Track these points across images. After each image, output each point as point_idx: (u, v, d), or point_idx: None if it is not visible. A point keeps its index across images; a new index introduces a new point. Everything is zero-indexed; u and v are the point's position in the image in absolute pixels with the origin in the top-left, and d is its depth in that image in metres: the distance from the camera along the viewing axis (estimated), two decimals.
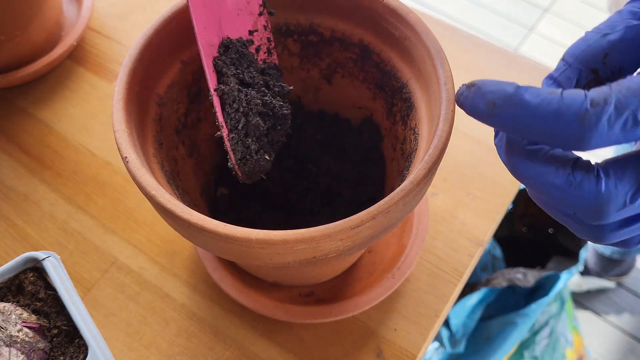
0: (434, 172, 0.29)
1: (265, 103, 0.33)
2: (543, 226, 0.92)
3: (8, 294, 0.31)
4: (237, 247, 0.28)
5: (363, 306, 0.43)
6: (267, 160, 0.33)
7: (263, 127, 0.33)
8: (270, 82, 0.35)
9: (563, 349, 0.85)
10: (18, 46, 0.56)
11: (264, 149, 0.33)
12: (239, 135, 0.32)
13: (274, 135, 0.34)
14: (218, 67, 0.33)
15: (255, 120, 0.32)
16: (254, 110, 0.32)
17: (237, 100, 0.32)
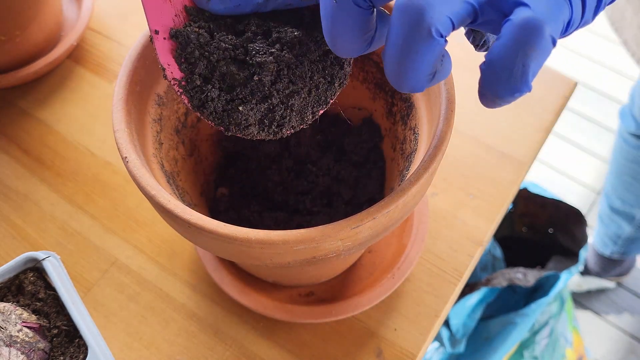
0: (433, 172, 0.29)
1: (246, 50, 0.28)
2: (543, 226, 0.92)
3: (8, 294, 0.31)
4: (237, 247, 0.28)
5: (363, 306, 0.43)
6: (241, 112, 0.28)
7: (239, 75, 0.27)
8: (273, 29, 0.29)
9: (563, 348, 0.85)
10: (18, 46, 0.56)
11: (240, 99, 0.28)
12: (193, 82, 0.28)
13: (255, 86, 0.28)
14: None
15: (222, 66, 0.27)
16: (220, 56, 0.28)
17: (195, 44, 0.28)
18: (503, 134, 0.53)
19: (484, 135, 0.53)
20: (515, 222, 0.94)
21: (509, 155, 0.52)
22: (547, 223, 0.92)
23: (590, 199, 1.34)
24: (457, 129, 0.53)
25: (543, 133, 0.53)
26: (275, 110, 0.28)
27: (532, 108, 0.54)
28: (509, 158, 0.51)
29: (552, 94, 0.55)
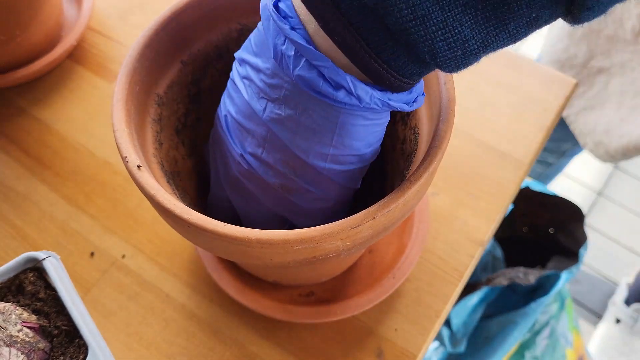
0: (434, 172, 0.29)
1: None
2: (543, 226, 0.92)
3: (8, 294, 0.31)
4: (237, 247, 0.28)
5: (363, 306, 0.43)
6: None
7: None
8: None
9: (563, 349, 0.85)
10: (18, 46, 0.56)
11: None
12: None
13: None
14: None
15: None
16: None
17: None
18: (503, 134, 0.53)
19: (484, 135, 0.53)
20: (515, 222, 0.94)
21: (509, 155, 0.52)
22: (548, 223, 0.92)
23: (590, 199, 1.34)
24: (457, 129, 0.53)
25: (543, 133, 0.53)
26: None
27: (532, 108, 0.54)
28: (509, 158, 0.51)
29: (552, 94, 0.55)
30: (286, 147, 0.30)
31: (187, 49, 0.37)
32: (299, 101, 0.28)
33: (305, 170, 0.31)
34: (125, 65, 0.33)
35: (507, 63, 0.57)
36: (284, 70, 0.27)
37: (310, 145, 0.29)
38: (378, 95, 0.27)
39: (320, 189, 0.32)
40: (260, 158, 0.31)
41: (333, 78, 0.26)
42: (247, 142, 0.32)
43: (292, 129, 0.29)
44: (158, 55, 0.35)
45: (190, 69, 0.38)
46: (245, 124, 0.31)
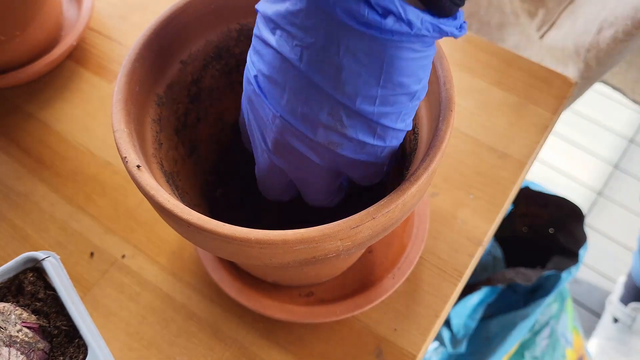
0: (433, 172, 0.29)
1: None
2: (543, 226, 0.92)
3: (8, 294, 0.31)
4: (237, 247, 0.28)
5: (363, 306, 0.43)
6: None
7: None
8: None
9: (563, 349, 0.85)
10: (18, 46, 0.56)
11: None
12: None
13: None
14: None
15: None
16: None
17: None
18: (503, 134, 0.53)
19: (484, 135, 0.53)
20: (515, 222, 0.94)
21: (509, 155, 0.52)
22: (548, 223, 0.92)
23: (590, 199, 1.34)
24: (457, 129, 0.53)
25: (543, 133, 0.53)
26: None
27: (532, 108, 0.54)
28: (509, 158, 0.51)
29: (552, 94, 0.55)
30: (329, 96, 0.28)
31: (186, 49, 0.37)
32: (340, 40, 0.26)
33: (353, 118, 0.28)
34: (125, 66, 0.33)
35: (507, 63, 0.57)
36: (320, 6, 0.25)
37: (356, 89, 0.27)
38: (429, 19, 0.25)
39: (370, 136, 0.29)
40: (302, 115, 0.29)
41: (380, 3, 0.24)
42: (284, 100, 0.29)
43: (334, 74, 0.27)
44: (158, 55, 0.35)
45: (190, 69, 0.38)
46: (280, 79, 0.29)
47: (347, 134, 0.29)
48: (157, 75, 0.36)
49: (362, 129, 0.29)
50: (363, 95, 0.27)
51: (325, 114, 0.28)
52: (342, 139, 0.29)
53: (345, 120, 0.28)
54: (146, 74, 0.34)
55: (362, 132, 0.29)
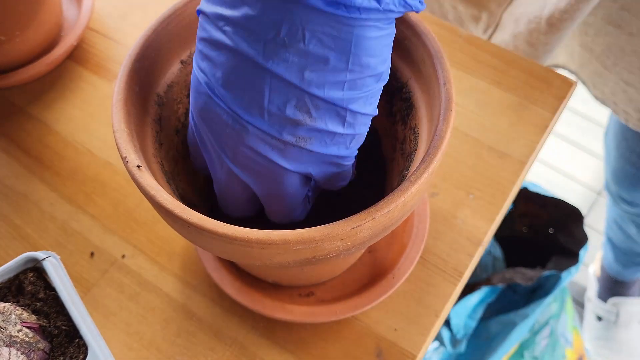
0: (433, 172, 0.29)
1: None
2: (543, 226, 0.92)
3: (8, 294, 0.31)
4: (237, 247, 0.28)
5: (363, 306, 0.43)
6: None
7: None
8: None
9: (563, 349, 0.85)
10: (18, 46, 0.56)
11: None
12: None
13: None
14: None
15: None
16: None
17: None
18: (503, 134, 0.53)
19: (484, 135, 0.53)
20: (515, 222, 0.94)
21: (509, 155, 0.52)
22: (547, 223, 0.92)
23: (590, 199, 1.34)
24: (457, 129, 0.53)
25: (543, 133, 0.53)
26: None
27: (532, 108, 0.54)
28: (509, 158, 0.51)
29: (552, 94, 0.55)
30: (296, 88, 0.27)
31: (187, 49, 0.37)
32: (305, 26, 0.25)
33: (321, 108, 0.28)
34: (125, 65, 0.33)
35: (507, 63, 0.57)
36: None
37: (324, 76, 0.27)
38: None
39: (339, 124, 0.29)
40: (267, 113, 0.28)
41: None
42: (245, 101, 0.28)
43: (300, 63, 0.26)
44: (158, 55, 0.35)
45: (190, 68, 0.38)
46: (239, 80, 0.28)
47: (316, 126, 0.28)
48: (158, 75, 0.36)
49: (331, 118, 0.28)
50: (331, 81, 0.27)
51: (292, 108, 0.28)
52: (310, 133, 0.28)
53: (313, 112, 0.28)
54: (146, 74, 0.34)
55: (332, 122, 0.28)
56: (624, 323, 1.03)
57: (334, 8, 0.25)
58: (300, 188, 0.32)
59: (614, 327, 1.04)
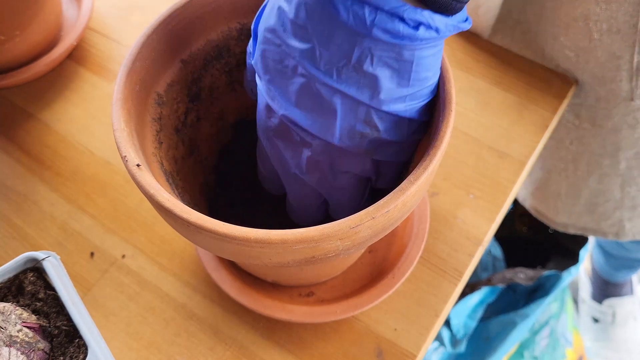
0: (433, 172, 0.29)
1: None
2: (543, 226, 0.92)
3: (8, 294, 0.31)
4: (236, 247, 0.28)
5: (363, 306, 0.43)
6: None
7: None
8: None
9: (563, 348, 0.85)
10: (18, 46, 0.56)
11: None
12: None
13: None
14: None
15: None
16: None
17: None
18: (503, 133, 0.53)
19: (484, 135, 0.53)
20: (515, 222, 0.94)
21: (509, 155, 0.52)
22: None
23: None
24: (457, 129, 0.53)
25: (543, 133, 0.53)
26: None
27: (532, 108, 0.54)
28: (509, 158, 0.51)
29: (552, 94, 0.55)
30: (365, 105, 0.30)
31: (187, 48, 0.37)
32: (373, 54, 0.28)
33: (387, 120, 0.31)
34: (125, 65, 0.33)
35: (507, 63, 0.57)
36: (354, 30, 0.27)
37: (390, 93, 0.30)
38: (451, 22, 0.28)
39: (401, 134, 0.32)
40: (339, 128, 0.31)
41: (412, 18, 0.27)
42: (316, 120, 0.31)
43: (369, 84, 0.29)
44: (158, 54, 0.35)
45: (190, 68, 0.38)
46: (312, 101, 0.31)
47: (381, 137, 0.31)
48: (158, 75, 0.36)
49: (394, 128, 0.31)
50: (395, 97, 0.30)
51: (361, 123, 0.31)
52: (376, 143, 0.32)
53: (379, 125, 0.31)
54: (146, 73, 0.34)
55: (395, 132, 0.32)
56: (621, 322, 1.03)
57: (400, 39, 0.28)
58: (363, 189, 0.36)
59: (611, 328, 1.04)
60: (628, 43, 0.47)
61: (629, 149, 0.56)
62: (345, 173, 0.34)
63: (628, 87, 0.50)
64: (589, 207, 0.64)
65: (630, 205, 0.62)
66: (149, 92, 0.35)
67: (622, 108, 0.53)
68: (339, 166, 0.33)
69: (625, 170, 0.58)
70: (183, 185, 0.37)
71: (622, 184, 0.60)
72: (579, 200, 0.64)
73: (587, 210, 0.65)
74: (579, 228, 0.67)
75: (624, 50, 0.48)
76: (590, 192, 0.62)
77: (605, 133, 0.56)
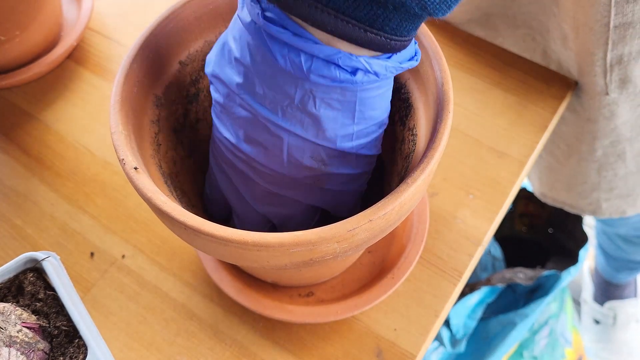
0: (431, 173, 0.29)
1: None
2: (543, 226, 0.92)
3: (8, 294, 0.31)
4: (234, 250, 0.28)
5: (363, 306, 0.43)
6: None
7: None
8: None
9: (562, 348, 0.85)
10: (18, 46, 0.56)
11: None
12: None
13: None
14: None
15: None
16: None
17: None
18: (503, 133, 0.53)
19: (484, 135, 0.53)
20: (515, 222, 0.94)
21: (508, 155, 0.52)
22: (547, 223, 0.92)
23: None
24: (457, 129, 0.53)
25: (543, 133, 0.53)
26: None
27: (531, 108, 0.54)
28: (509, 158, 0.51)
29: (552, 94, 0.55)
30: (312, 143, 0.31)
31: (185, 50, 0.37)
32: (315, 96, 0.29)
33: (335, 157, 0.32)
34: (123, 66, 0.33)
35: (507, 63, 0.57)
36: (294, 74, 0.28)
37: (335, 131, 0.30)
38: (391, 64, 0.28)
39: (350, 167, 0.33)
40: (287, 164, 0.32)
41: (348, 64, 0.27)
42: (266, 155, 0.32)
43: (313, 123, 0.30)
44: (156, 56, 0.35)
45: (189, 69, 0.38)
46: (260, 138, 0.32)
47: (330, 171, 0.32)
48: (156, 76, 0.36)
49: (342, 163, 0.32)
50: (341, 135, 0.31)
51: (309, 159, 0.32)
52: (325, 176, 0.33)
53: (327, 160, 0.32)
54: (145, 75, 0.34)
55: (344, 166, 0.33)
56: (622, 325, 1.03)
57: (339, 83, 0.28)
58: (313, 215, 0.37)
59: (612, 330, 1.04)
60: (602, 40, 0.48)
61: (604, 139, 0.58)
62: (295, 202, 0.35)
63: (602, 82, 0.52)
64: (568, 186, 0.66)
65: (607, 187, 0.63)
66: (147, 94, 0.35)
67: (598, 101, 0.54)
68: (288, 195, 0.34)
69: (602, 157, 0.60)
70: (182, 188, 0.37)
71: (598, 169, 0.61)
72: (559, 176, 0.66)
73: (566, 187, 0.67)
74: (558, 202, 0.69)
75: (598, 47, 0.49)
76: (569, 171, 0.64)
77: (583, 122, 0.57)
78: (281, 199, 0.35)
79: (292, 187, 0.34)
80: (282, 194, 0.34)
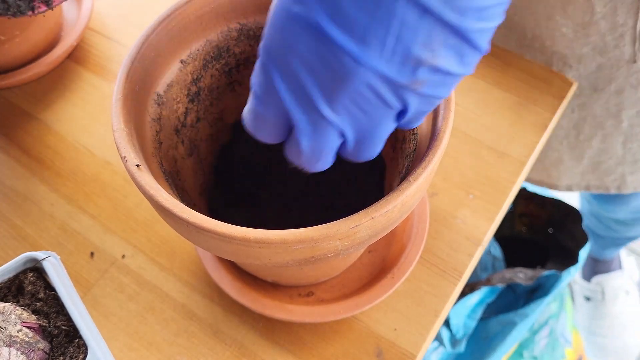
0: (432, 172, 0.29)
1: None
2: (543, 226, 0.92)
3: (8, 294, 0.31)
4: (235, 247, 0.28)
5: (363, 306, 0.43)
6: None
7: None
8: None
9: (562, 348, 0.85)
10: (18, 46, 0.56)
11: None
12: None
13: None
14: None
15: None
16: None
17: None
18: (503, 133, 0.53)
19: (484, 135, 0.53)
20: (515, 222, 0.94)
21: (508, 155, 0.52)
22: (547, 223, 0.92)
23: None
24: (457, 129, 0.53)
25: (542, 133, 0.53)
26: None
27: (531, 108, 0.54)
28: (509, 158, 0.52)
29: (552, 93, 0.55)
30: (432, 17, 0.23)
31: (186, 49, 0.37)
32: None
33: (451, 43, 0.24)
34: (124, 65, 0.33)
35: (507, 63, 0.57)
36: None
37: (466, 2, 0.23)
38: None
39: (458, 63, 0.25)
40: (390, 51, 0.24)
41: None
42: (362, 38, 0.23)
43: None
44: (158, 54, 0.35)
45: (190, 68, 0.38)
46: (358, 12, 0.23)
47: (437, 66, 0.25)
48: (157, 75, 0.36)
49: (454, 55, 0.25)
50: (474, 8, 0.23)
51: (420, 46, 0.24)
52: (428, 74, 0.25)
53: (441, 48, 0.24)
54: (146, 74, 0.34)
55: (454, 60, 0.25)
56: (611, 298, 1.05)
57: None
58: (392, 126, 0.28)
59: (602, 305, 1.05)
60: (633, 10, 0.50)
61: (631, 108, 0.58)
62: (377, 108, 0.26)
63: (631, 50, 0.52)
64: (592, 166, 0.67)
65: (631, 160, 0.64)
66: (149, 93, 0.35)
67: (625, 70, 0.55)
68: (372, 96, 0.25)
69: (628, 129, 0.61)
70: (183, 186, 0.37)
71: (624, 141, 0.62)
72: (582, 162, 0.67)
73: (591, 169, 0.67)
74: (582, 187, 0.70)
75: (629, 17, 0.50)
76: (593, 152, 0.65)
77: (608, 96, 0.58)
78: (365, 106, 0.25)
79: (385, 87, 0.25)
80: (371, 96, 0.25)
